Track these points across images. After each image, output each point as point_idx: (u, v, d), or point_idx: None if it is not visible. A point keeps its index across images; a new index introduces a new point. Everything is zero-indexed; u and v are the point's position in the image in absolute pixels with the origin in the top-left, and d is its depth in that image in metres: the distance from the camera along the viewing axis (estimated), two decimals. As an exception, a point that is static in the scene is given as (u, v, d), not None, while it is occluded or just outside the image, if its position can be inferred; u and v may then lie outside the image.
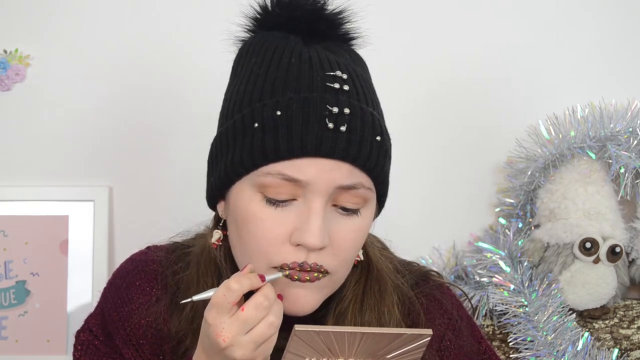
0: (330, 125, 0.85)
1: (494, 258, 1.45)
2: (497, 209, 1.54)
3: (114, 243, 1.53)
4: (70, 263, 1.50)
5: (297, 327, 0.80)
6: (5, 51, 1.51)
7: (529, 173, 1.47)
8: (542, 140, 1.47)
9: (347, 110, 0.86)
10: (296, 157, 0.85)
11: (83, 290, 1.49)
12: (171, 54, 1.52)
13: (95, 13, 1.52)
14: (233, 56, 0.93)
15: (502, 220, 1.53)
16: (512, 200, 1.52)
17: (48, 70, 1.51)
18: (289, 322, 0.84)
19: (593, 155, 1.44)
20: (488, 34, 1.55)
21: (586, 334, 1.42)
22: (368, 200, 0.91)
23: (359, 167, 0.88)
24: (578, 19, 1.55)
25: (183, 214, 1.51)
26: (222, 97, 1.52)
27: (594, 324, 1.48)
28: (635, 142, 1.41)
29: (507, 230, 1.50)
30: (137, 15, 1.52)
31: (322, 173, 0.86)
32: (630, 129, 1.42)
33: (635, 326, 1.47)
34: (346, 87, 0.88)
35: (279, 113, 0.86)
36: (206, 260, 0.96)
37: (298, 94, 0.86)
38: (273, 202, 0.87)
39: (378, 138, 0.89)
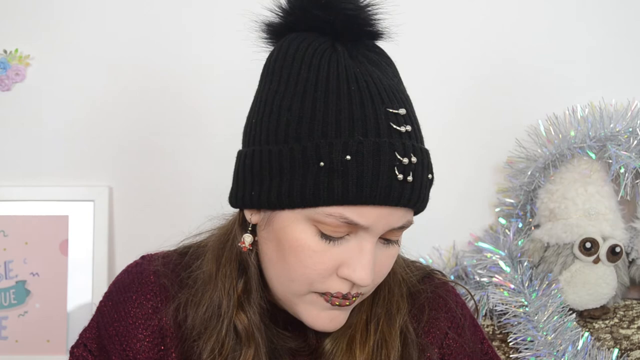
0: (400, 176, 0.85)
1: (494, 258, 1.45)
2: (497, 209, 1.55)
3: (114, 243, 1.53)
4: (70, 263, 1.50)
5: None
6: (5, 51, 1.51)
7: (529, 173, 1.47)
8: (542, 140, 1.47)
9: (414, 159, 0.86)
10: (362, 205, 0.85)
11: (83, 290, 1.49)
12: (171, 54, 1.52)
13: (95, 13, 1.52)
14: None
15: (502, 220, 1.53)
16: (512, 200, 1.52)
17: (48, 70, 1.52)
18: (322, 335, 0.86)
19: (593, 155, 1.44)
20: (488, 34, 1.55)
21: (586, 334, 1.42)
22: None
23: (415, 210, 0.90)
24: (578, 19, 1.55)
25: (183, 213, 1.51)
26: (222, 97, 1.53)
27: (594, 324, 1.48)
28: (635, 142, 1.41)
29: (507, 230, 1.50)
30: (137, 15, 1.52)
31: (381, 218, 0.87)
32: (630, 129, 1.42)
33: (635, 326, 1.47)
34: (409, 128, 0.88)
35: (348, 158, 0.84)
36: (227, 256, 0.96)
37: (366, 137, 0.85)
38: (327, 237, 0.88)
39: (430, 176, 0.90)
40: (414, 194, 0.87)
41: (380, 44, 0.97)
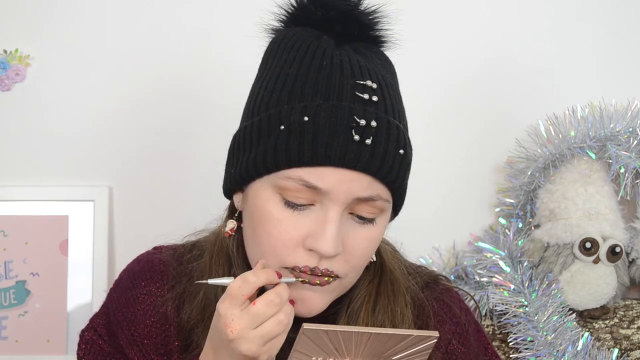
0: (356, 137, 0.85)
1: (494, 258, 1.45)
2: (497, 209, 1.55)
3: (114, 243, 1.52)
4: (70, 263, 1.50)
5: (306, 326, 0.80)
6: (5, 51, 1.51)
7: (529, 173, 1.47)
8: (542, 140, 1.47)
9: (374, 123, 0.86)
10: (319, 165, 0.86)
11: (83, 290, 1.49)
12: (171, 54, 1.52)
13: (94, 13, 1.52)
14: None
15: (502, 220, 1.53)
16: (512, 200, 1.52)
17: (48, 70, 1.51)
18: (298, 323, 0.85)
19: (593, 155, 1.44)
20: (488, 34, 1.55)
21: (586, 334, 1.42)
22: (384, 210, 0.92)
23: (380, 180, 0.89)
24: (578, 19, 1.55)
25: (183, 213, 1.51)
26: (223, 97, 1.53)
27: (594, 324, 1.48)
28: (635, 142, 1.41)
29: (507, 230, 1.50)
30: (136, 15, 1.52)
31: (342, 183, 0.87)
32: (630, 129, 1.42)
33: (635, 326, 1.47)
34: (375, 98, 0.89)
35: (306, 119, 0.86)
36: (219, 249, 0.97)
37: (327, 101, 0.87)
38: (291, 205, 0.88)
39: (401, 151, 0.89)
40: (374, 159, 0.86)
41: (384, 46, 0.98)
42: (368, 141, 0.86)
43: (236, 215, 0.97)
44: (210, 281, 0.87)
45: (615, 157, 1.40)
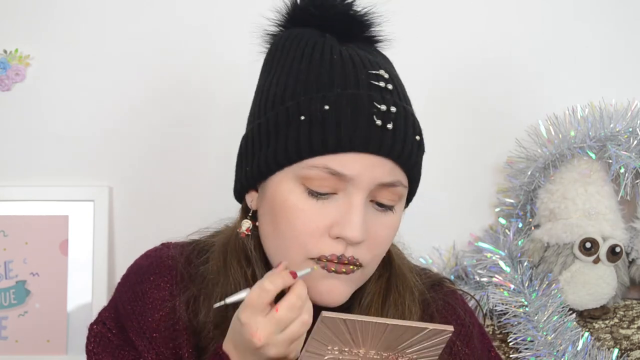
0: (378, 122, 0.86)
1: (494, 258, 1.45)
2: (497, 209, 1.54)
3: (114, 243, 1.52)
4: (70, 263, 1.50)
5: (325, 314, 0.81)
6: (5, 51, 1.51)
7: (529, 173, 1.47)
8: (542, 140, 1.47)
9: (393, 109, 0.88)
10: (343, 152, 0.87)
11: (83, 290, 1.49)
12: (172, 54, 1.52)
13: (94, 13, 1.52)
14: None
15: (502, 220, 1.53)
16: (512, 200, 1.52)
17: (48, 70, 1.51)
18: (318, 311, 0.85)
19: (593, 155, 1.44)
20: (488, 34, 1.55)
21: (586, 334, 1.42)
22: (402, 197, 0.93)
23: (401, 164, 0.90)
24: (578, 19, 1.55)
25: (183, 213, 1.51)
26: (223, 97, 1.53)
27: (594, 324, 1.48)
28: (635, 142, 1.41)
29: (507, 230, 1.50)
30: (137, 15, 1.52)
31: (366, 169, 0.87)
32: (630, 129, 1.42)
33: (635, 326, 1.47)
34: (390, 86, 0.90)
35: (327, 107, 0.87)
36: (232, 249, 0.97)
37: (345, 89, 0.88)
38: (315, 194, 0.89)
39: (417, 137, 0.91)
40: (396, 144, 0.87)
41: (379, 46, 0.98)
42: (389, 126, 0.87)
43: (250, 215, 0.96)
44: (228, 300, 0.87)
45: (615, 157, 1.40)
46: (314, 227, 0.89)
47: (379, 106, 0.87)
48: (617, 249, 1.43)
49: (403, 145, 0.88)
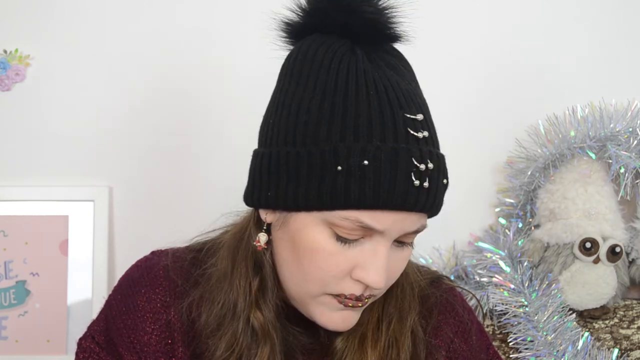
0: (416, 182, 0.85)
1: (494, 258, 1.45)
2: (497, 209, 1.55)
3: (114, 243, 1.53)
4: (70, 263, 1.50)
5: None
6: (5, 51, 1.51)
7: (529, 173, 1.47)
8: (542, 140, 1.47)
9: (430, 166, 0.87)
10: (378, 209, 0.86)
11: (83, 290, 1.49)
12: (172, 54, 1.52)
13: (94, 13, 1.52)
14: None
15: (502, 220, 1.53)
16: (512, 200, 1.52)
17: (48, 70, 1.52)
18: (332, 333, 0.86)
19: (593, 155, 1.44)
20: (487, 34, 1.55)
21: (586, 334, 1.42)
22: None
23: (429, 215, 0.91)
24: (578, 19, 1.55)
25: (183, 213, 1.51)
26: (223, 97, 1.53)
27: (594, 324, 1.48)
28: (635, 142, 1.41)
29: (507, 230, 1.50)
30: (137, 15, 1.52)
31: (396, 223, 0.87)
32: (630, 129, 1.42)
33: (635, 326, 1.47)
34: (425, 134, 0.89)
35: (366, 163, 0.85)
36: (242, 255, 0.96)
37: (384, 141, 0.86)
38: (342, 240, 0.88)
39: (445, 181, 0.90)
40: (429, 200, 0.87)
41: (396, 46, 0.97)
42: (425, 184, 0.86)
43: (265, 228, 0.95)
44: None
45: (615, 157, 1.40)
46: (340, 270, 0.89)
47: (418, 165, 0.86)
48: (617, 249, 1.43)
49: (435, 198, 0.88)
